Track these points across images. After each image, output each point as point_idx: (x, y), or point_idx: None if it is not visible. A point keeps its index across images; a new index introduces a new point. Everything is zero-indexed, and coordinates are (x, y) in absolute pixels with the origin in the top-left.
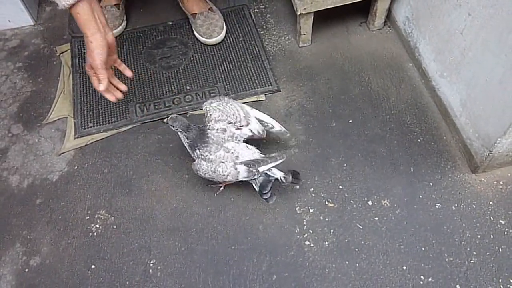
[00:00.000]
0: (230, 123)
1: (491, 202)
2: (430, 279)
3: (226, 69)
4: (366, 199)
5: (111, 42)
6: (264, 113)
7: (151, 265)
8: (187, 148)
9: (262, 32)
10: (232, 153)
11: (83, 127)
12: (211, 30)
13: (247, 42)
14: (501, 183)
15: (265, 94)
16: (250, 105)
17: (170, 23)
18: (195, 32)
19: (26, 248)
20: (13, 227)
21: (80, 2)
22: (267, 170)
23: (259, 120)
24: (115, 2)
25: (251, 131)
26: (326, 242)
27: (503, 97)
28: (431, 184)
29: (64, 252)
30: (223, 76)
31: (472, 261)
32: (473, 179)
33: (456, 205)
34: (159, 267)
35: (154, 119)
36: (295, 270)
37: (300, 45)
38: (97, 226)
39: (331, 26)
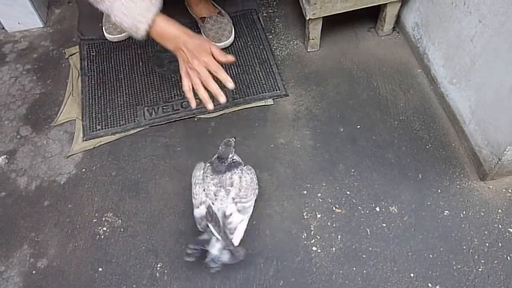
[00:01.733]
0: (237, 191)
1: (499, 210)
2: (437, 287)
3: (234, 73)
4: (373, 205)
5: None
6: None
7: (158, 268)
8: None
9: (270, 36)
10: (214, 198)
11: (91, 130)
12: (220, 34)
13: (256, 46)
14: (510, 191)
15: (273, 99)
16: (258, 109)
17: None
18: (203, 36)
19: (33, 250)
20: (21, 229)
21: (157, 20)
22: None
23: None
24: None
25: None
26: (333, 248)
27: None
28: (439, 191)
29: (71, 254)
30: (231, 80)
31: (480, 269)
32: (482, 187)
33: (464, 212)
34: (166, 271)
35: (162, 123)
36: (302, 276)
37: (308, 50)
38: (105, 229)
39: (339, 31)
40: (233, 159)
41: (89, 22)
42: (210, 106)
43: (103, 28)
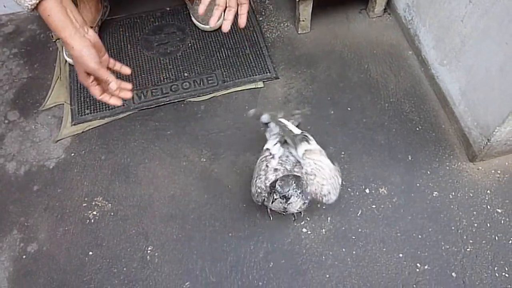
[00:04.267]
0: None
1: (488, 191)
2: (426, 267)
3: (224, 55)
4: (363, 187)
5: (94, 41)
6: None
7: (148, 251)
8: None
9: (260, 18)
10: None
11: (80, 114)
12: (209, 16)
13: (246, 28)
14: (499, 172)
15: (263, 82)
16: (248, 92)
17: (168, 8)
18: (193, 19)
19: (23, 234)
20: (10, 214)
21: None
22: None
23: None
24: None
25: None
26: (323, 230)
27: (503, 86)
28: (428, 172)
29: (61, 238)
30: (221, 63)
31: (468, 249)
32: (471, 168)
33: (453, 193)
34: (156, 254)
35: (152, 106)
36: (292, 257)
37: (299, 32)
38: (95, 213)
39: (330, 13)
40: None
41: (77, 5)
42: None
43: (63, 49)
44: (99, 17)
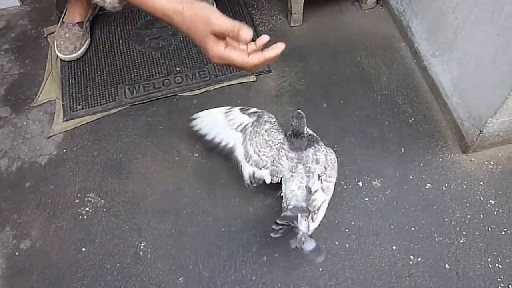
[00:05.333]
0: (322, 168)
1: (481, 182)
2: (419, 259)
3: None
4: (356, 180)
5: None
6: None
7: (141, 247)
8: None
9: (253, 11)
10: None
11: (71, 110)
12: None
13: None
14: (492, 163)
15: (256, 75)
16: (240, 86)
17: None
18: None
19: (16, 231)
20: (3, 211)
21: None
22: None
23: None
24: (78, 20)
25: (313, 191)
26: None
27: (494, 77)
28: (421, 164)
29: (54, 235)
30: None
31: (461, 241)
32: (464, 159)
33: (446, 185)
34: (149, 249)
35: (144, 101)
36: (286, 251)
37: (291, 25)
38: (87, 209)
39: (323, 5)
40: (308, 133)
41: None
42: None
43: (55, 45)
44: (91, 11)
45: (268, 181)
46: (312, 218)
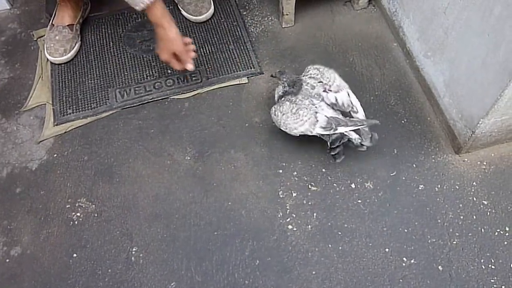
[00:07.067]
0: (320, 82)
1: (474, 183)
2: (412, 261)
3: (207, 51)
4: (349, 182)
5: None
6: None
7: (133, 252)
8: (275, 96)
9: (244, 13)
10: (316, 106)
11: (62, 114)
12: (199, 7)
13: (229, 23)
14: (485, 163)
15: (248, 77)
16: (232, 88)
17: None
18: (182, 11)
19: (6, 238)
20: None
21: (156, 2)
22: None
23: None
24: (68, 22)
25: (336, 99)
26: (309, 226)
27: (486, 78)
28: (414, 165)
29: (45, 241)
30: (205, 59)
31: (454, 242)
32: (457, 160)
33: (439, 186)
34: (141, 255)
35: (135, 104)
36: (278, 255)
37: (283, 26)
38: (78, 214)
39: (314, 5)
40: (295, 78)
41: (57, 2)
42: (190, 66)
43: (45, 48)
44: (80, 14)
45: (324, 122)
46: (353, 111)
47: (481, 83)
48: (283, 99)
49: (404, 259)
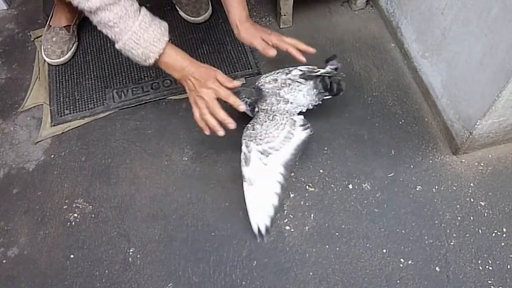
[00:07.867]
0: (279, 73)
1: (471, 184)
2: (410, 262)
3: (205, 52)
4: (346, 182)
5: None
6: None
7: (130, 253)
8: (250, 114)
9: None
10: (290, 103)
11: (59, 115)
12: (197, 8)
13: (227, 24)
14: (482, 164)
15: (246, 78)
16: None
17: (148, 4)
18: (180, 12)
19: (3, 239)
20: None
21: (166, 49)
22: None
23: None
24: (65, 23)
25: (300, 70)
26: (307, 227)
27: (483, 78)
28: (412, 166)
29: (42, 242)
30: (202, 59)
31: (451, 243)
32: (454, 161)
33: (436, 187)
34: (138, 256)
35: (132, 105)
36: (276, 256)
37: (281, 27)
38: (75, 215)
39: (312, 6)
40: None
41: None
42: (221, 132)
43: (42, 49)
44: (77, 15)
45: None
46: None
47: (478, 84)
48: (255, 112)
49: (402, 260)
